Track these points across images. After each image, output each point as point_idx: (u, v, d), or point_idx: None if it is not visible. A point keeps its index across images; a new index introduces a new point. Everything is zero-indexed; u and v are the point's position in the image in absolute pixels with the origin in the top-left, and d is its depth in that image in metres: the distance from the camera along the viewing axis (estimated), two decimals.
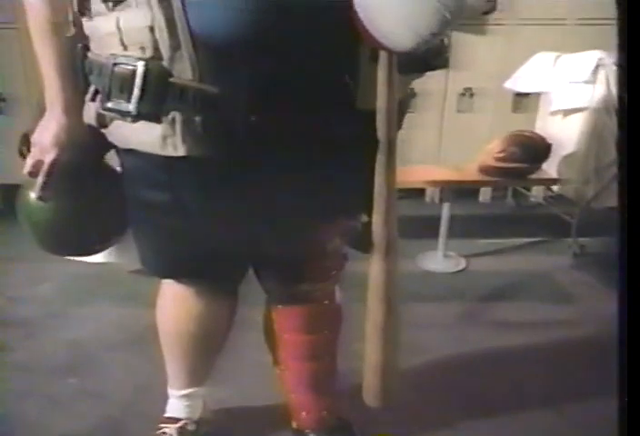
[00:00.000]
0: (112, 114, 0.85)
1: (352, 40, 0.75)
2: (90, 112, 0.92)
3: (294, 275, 1.10)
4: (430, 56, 0.85)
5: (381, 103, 0.80)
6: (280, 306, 1.18)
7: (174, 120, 0.82)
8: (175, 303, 1.16)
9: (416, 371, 1.56)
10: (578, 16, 2.63)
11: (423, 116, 2.61)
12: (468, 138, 2.70)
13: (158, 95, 0.80)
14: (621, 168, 0.65)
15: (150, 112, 0.81)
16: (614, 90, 2.10)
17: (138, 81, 0.79)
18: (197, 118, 0.81)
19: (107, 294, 2.01)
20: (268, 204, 0.90)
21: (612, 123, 2.13)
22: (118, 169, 1.02)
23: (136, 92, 0.79)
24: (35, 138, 0.98)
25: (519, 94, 2.68)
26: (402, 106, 0.92)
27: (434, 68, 0.88)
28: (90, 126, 0.94)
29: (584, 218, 2.32)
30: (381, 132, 0.82)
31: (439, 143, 2.83)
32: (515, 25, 2.61)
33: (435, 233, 2.29)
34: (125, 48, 0.82)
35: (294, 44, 0.76)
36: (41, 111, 1.02)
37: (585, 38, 2.54)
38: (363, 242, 0.98)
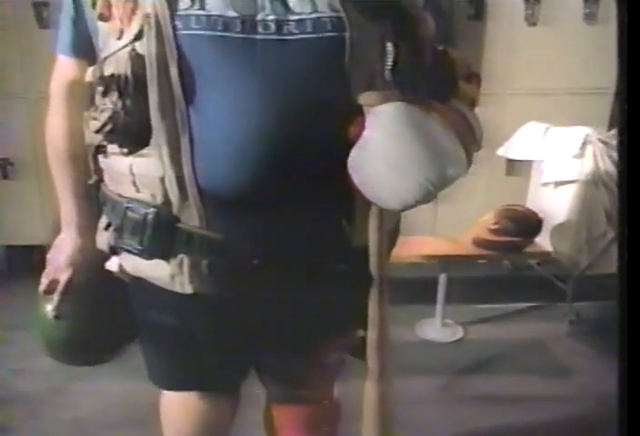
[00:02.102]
0: (123, 250, 0.91)
1: (348, 191, 0.80)
2: (102, 239, 0.97)
3: (294, 382, 1.13)
4: None
5: (373, 245, 0.86)
6: (280, 406, 1.22)
7: (182, 261, 0.87)
8: (177, 404, 1.18)
9: None
10: (565, 86, 2.74)
11: None
12: (464, 201, 2.77)
13: (167, 239, 0.86)
14: (621, 237, 0.68)
15: (159, 253, 0.87)
16: (601, 165, 2.18)
17: (149, 230, 0.85)
18: (204, 261, 0.87)
19: (111, 367, 2.01)
20: (271, 327, 0.95)
21: (601, 196, 2.20)
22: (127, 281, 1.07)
23: (147, 237, 0.85)
24: (50, 257, 1.04)
25: (512, 160, 2.77)
26: (392, 236, 0.98)
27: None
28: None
29: (578, 286, 2.37)
30: (373, 269, 0.88)
31: (435, 207, 2.90)
32: (504, 95, 2.72)
33: (433, 297, 2.31)
34: (138, 190, 0.87)
35: (294, 197, 0.82)
36: (56, 229, 1.08)
37: (573, 109, 2.65)
38: (360, 351, 1.03)
